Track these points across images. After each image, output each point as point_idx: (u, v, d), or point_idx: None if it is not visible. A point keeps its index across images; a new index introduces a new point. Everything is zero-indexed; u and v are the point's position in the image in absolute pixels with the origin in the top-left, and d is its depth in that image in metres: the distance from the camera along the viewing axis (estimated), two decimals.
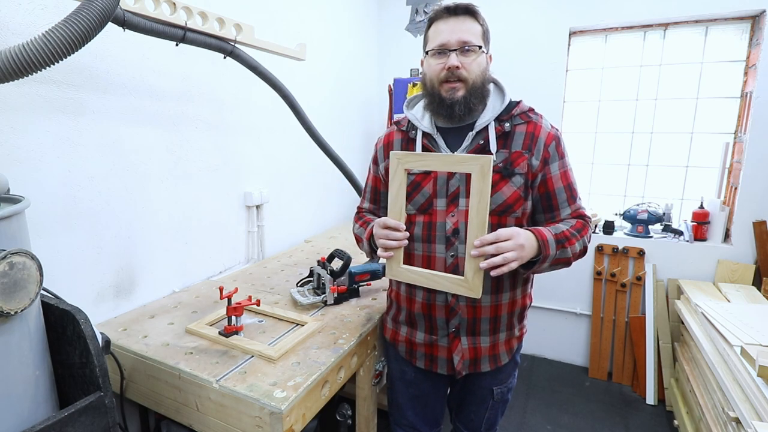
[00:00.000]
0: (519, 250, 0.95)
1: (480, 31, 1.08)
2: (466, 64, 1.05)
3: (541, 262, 1.02)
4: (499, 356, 1.19)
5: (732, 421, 1.47)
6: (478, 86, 1.07)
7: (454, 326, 1.15)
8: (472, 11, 1.07)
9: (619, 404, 2.47)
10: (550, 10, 2.67)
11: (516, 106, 1.12)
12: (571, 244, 1.05)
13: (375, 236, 1.10)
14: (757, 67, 2.25)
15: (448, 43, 1.05)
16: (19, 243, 0.76)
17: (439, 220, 1.11)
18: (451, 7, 1.06)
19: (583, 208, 1.14)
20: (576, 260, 1.10)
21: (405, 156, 1.01)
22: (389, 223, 1.05)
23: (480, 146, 1.09)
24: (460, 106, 1.06)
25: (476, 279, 0.98)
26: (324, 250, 2.19)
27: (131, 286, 1.50)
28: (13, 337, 0.75)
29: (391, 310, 1.31)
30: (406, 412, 1.34)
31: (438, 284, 1.04)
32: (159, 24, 1.19)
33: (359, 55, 2.95)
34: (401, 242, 1.05)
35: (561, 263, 1.07)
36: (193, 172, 1.72)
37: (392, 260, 1.08)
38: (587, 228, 1.12)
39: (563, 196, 1.11)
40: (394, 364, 1.34)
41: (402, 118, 1.24)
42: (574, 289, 2.83)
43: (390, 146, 1.24)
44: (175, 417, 1.13)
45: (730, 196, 2.48)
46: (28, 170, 1.18)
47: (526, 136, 1.09)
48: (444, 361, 1.19)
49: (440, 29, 1.07)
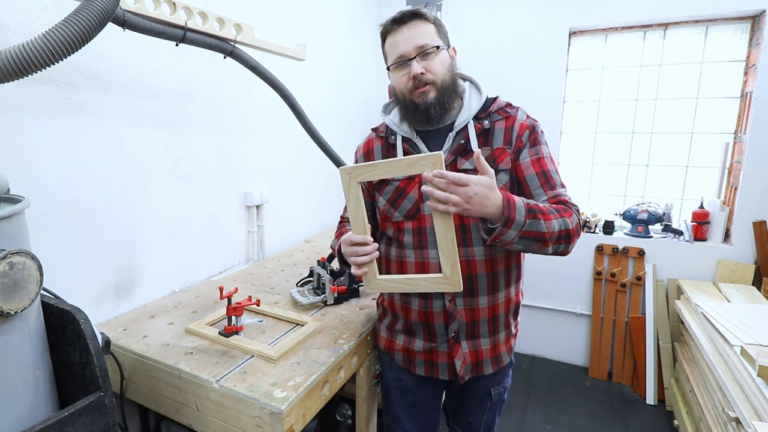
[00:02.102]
0: (466, 199, 0.85)
1: (433, 30, 1.06)
2: (430, 67, 1.03)
3: (504, 226, 0.90)
4: (500, 357, 1.18)
5: (732, 421, 1.47)
6: (448, 84, 1.06)
7: (453, 331, 1.12)
8: (418, 14, 1.05)
9: (619, 404, 2.47)
10: (550, 10, 2.67)
11: (493, 102, 1.10)
12: (546, 218, 0.94)
13: (344, 255, 1.05)
14: (757, 67, 2.25)
15: (406, 53, 1.04)
16: (19, 243, 0.76)
17: (429, 225, 1.07)
18: (397, 17, 1.06)
19: (565, 196, 1.05)
20: (556, 243, 0.97)
21: (355, 169, 0.97)
22: (355, 239, 1.00)
23: (461, 146, 1.07)
24: (435, 108, 1.05)
25: (455, 273, 0.94)
26: (324, 250, 2.19)
27: (131, 286, 1.50)
28: (13, 337, 0.75)
29: (386, 318, 1.27)
30: (403, 422, 1.29)
31: (419, 287, 1.01)
32: (159, 24, 1.19)
33: (359, 55, 2.95)
34: (371, 255, 1.00)
35: (533, 238, 0.94)
36: (193, 172, 1.72)
37: (368, 275, 1.03)
38: (570, 212, 1.00)
39: (536, 182, 1.05)
40: (390, 373, 1.29)
41: (380, 124, 1.20)
42: (574, 289, 2.83)
43: (370, 154, 1.20)
44: (175, 417, 1.13)
45: (730, 196, 2.48)
46: (28, 170, 1.18)
47: (505, 131, 1.07)
48: (445, 367, 1.16)
49: (395, 41, 1.06)
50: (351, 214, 1.01)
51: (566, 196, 1.05)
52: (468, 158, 1.06)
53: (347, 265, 1.14)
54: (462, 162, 1.07)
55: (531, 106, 1.27)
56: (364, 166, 0.95)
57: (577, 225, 1.00)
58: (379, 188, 1.16)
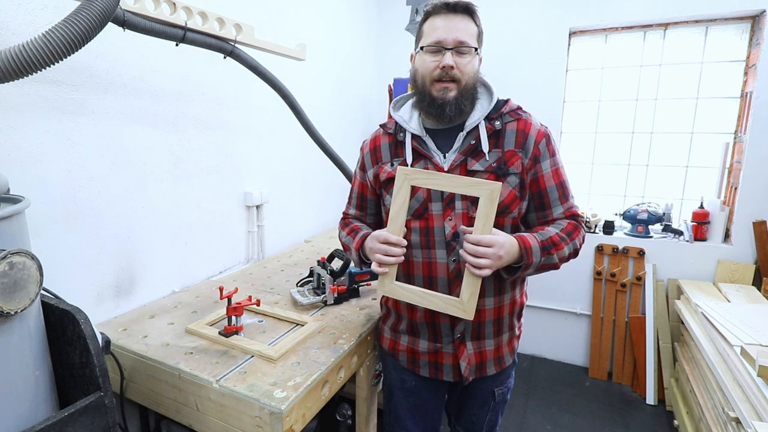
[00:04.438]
0: (495, 259, 0.95)
1: (476, 32, 1.05)
2: (461, 65, 1.02)
3: (523, 269, 1.02)
4: (503, 358, 1.18)
5: (732, 421, 1.47)
6: (469, 88, 1.05)
7: (459, 332, 1.12)
8: (471, 11, 1.04)
9: (619, 404, 2.47)
10: (550, 10, 2.67)
11: (505, 104, 1.10)
12: (558, 249, 1.04)
13: (369, 249, 1.08)
14: (757, 67, 2.25)
15: (445, 41, 1.01)
16: (19, 243, 0.77)
17: (437, 224, 1.07)
18: (450, 4, 1.03)
19: (576, 207, 1.12)
20: (565, 263, 1.08)
21: (413, 172, 1.00)
22: (390, 239, 1.03)
23: (471, 146, 1.06)
24: (451, 107, 1.04)
25: (472, 301, 0.99)
26: (324, 250, 2.19)
27: (131, 286, 1.50)
28: (13, 337, 0.75)
29: (389, 318, 1.26)
30: (406, 422, 1.28)
31: (431, 304, 1.03)
32: (159, 24, 1.19)
33: (359, 55, 2.95)
34: (398, 258, 1.03)
35: (547, 268, 1.06)
36: (193, 172, 1.72)
37: (386, 276, 1.05)
38: (579, 229, 1.10)
39: (555, 194, 1.09)
40: (393, 374, 1.28)
41: (388, 120, 1.19)
42: (574, 289, 2.83)
43: (377, 151, 1.19)
44: (175, 417, 1.13)
45: (730, 196, 2.48)
46: (28, 170, 1.18)
47: (517, 134, 1.07)
48: (450, 368, 1.16)
49: (437, 25, 1.03)
50: (392, 213, 1.03)
51: (576, 207, 1.13)
52: (478, 159, 1.06)
53: (365, 261, 1.15)
54: (472, 163, 1.06)
55: (531, 106, 1.27)
56: (423, 172, 1.00)
57: (583, 239, 1.12)
58: (386, 186, 1.15)
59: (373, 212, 1.28)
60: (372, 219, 1.29)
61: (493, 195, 0.94)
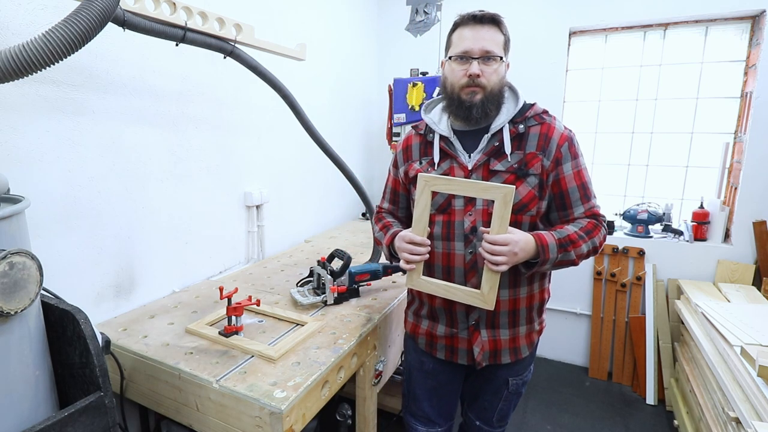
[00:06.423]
0: (510, 256, 1.02)
1: (503, 41, 1.12)
2: (487, 73, 1.09)
3: (540, 264, 1.08)
4: (519, 349, 1.23)
5: (732, 421, 1.47)
6: (495, 93, 1.12)
7: (473, 319, 1.19)
8: (497, 21, 1.12)
9: (619, 404, 2.47)
10: (550, 10, 2.67)
11: (530, 108, 1.16)
12: (576, 246, 1.09)
13: (397, 248, 1.18)
14: (757, 67, 2.25)
15: (471, 51, 1.09)
16: (19, 243, 0.77)
17: (458, 219, 1.15)
18: (477, 15, 1.11)
19: (597, 207, 1.18)
20: (584, 259, 1.14)
21: (432, 179, 1.08)
22: (415, 240, 1.12)
23: (495, 148, 1.12)
24: (477, 109, 1.11)
25: (491, 293, 1.07)
26: (324, 250, 2.20)
27: (131, 286, 1.50)
28: (13, 337, 0.75)
29: (413, 304, 1.35)
30: (422, 403, 1.36)
31: (454, 296, 1.13)
32: (159, 24, 1.19)
33: (359, 55, 2.95)
34: (423, 256, 1.12)
35: (565, 264, 1.12)
36: (193, 172, 1.72)
37: (413, 272, 1.16)
38: (599, 228, 1.15)
39: (576, 195, 1.15)
40: (413, 355, 1.37)
41: (420, 122, 1.29)
42: (574, 289, 2.83)
43: (409, 150, 1.28)
44: (175, 417, 1.13)
45: (730, 196, 2.48)
46: (28, 170, 1.18)
47: (540, 138, 1.13)
48: (464, 352, 1.23)
49: (464, 35, 1.11)
50: (416, 216, 1.13)
51: (598, 206, 1.18)
52: (501, 160, 1.12)
53: (394, 255, 1.26)
54: (494, 163, 1.13)
55: None
56: (442, 178, 1.08)
57: (603, 238, 1.17)
58: (414, 182, 1.22)
59: (405, 206, 1.37)
60: (403, 213, 1.39)
61: (507, 198, 1.00)
